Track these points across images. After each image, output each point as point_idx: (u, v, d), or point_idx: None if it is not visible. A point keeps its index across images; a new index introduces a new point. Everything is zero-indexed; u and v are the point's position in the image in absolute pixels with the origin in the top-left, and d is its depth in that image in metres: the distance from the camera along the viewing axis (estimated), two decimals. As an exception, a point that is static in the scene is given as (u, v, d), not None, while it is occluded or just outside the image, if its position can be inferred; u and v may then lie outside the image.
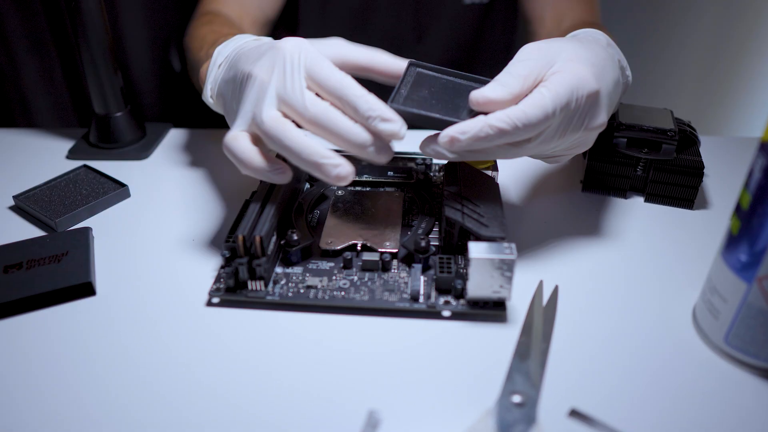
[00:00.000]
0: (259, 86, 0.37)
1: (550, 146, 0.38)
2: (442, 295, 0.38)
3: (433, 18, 0.74)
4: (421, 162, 0.50)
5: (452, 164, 0.44)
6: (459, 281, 0.37)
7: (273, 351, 0.35)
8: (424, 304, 0.37)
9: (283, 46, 0.37)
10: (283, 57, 0.37)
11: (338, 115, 0.36)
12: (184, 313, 0.38)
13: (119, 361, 0.34)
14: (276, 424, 0.31)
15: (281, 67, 0.36)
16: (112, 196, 0.49)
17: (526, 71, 0.36)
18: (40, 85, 0.81)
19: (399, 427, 0.31)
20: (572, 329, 0.36)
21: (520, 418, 0.30)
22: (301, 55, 0.37)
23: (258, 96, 0.37)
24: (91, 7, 0.52)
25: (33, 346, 0.35)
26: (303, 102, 0.36)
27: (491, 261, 0.34)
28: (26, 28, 0.78)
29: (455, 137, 0.35)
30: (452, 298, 0.37)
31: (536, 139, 0.36)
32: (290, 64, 0.36)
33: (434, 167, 0.51)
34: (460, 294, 0.37)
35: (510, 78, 0.36)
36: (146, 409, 0.31)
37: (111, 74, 0.55)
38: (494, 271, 0.35)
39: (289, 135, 0.36)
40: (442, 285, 0.37)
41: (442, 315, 0.37)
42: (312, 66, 0.36)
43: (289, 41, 0.38)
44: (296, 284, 0.38)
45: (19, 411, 0.31)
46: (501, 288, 0.35)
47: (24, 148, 0.58)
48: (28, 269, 0.40)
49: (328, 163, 0.35)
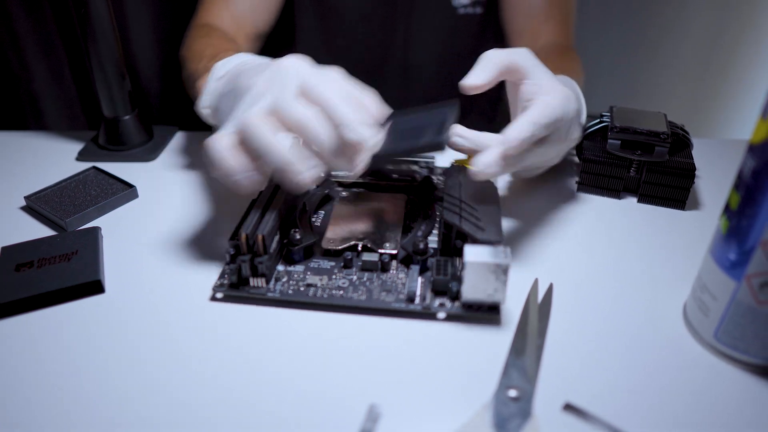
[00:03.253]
0: (255, 94, 0.38)
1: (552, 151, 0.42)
2: (438, 297, 0.38)
3: (427, 28, 0.75)
4: (425, 165, 0.51)
5: (454, 168, 0.44)
6: (455, 284, 0.37)
7: (273, 346, 0.36)
8: (419, 306, 0.37)
9: (283, 62, 0.39)
10: (280, 69, 0.38)
11: (321, 120, 0.36)
12: (189, 309, 0.38)
13: (127, 356, 0.35)
14: (278, 415, 0.31)
15: (278, 78, 0.38)
16: (120, 196, 0.50)
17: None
18: (50, 88, 0.82)
19: (398, 420, 0.31)
20: (567, 326, 0.37)
21: (516, 411, 0.31)
22: (299, 68, 0.38)
23: (251, 102, 0.37)
24: (100, 13, 0.52)
25: (44, 343, 0.36)
26: (290, 103, 0.36)
27: (486, 265, 0.34)
28: (37, 33, 0.79)
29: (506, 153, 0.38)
30: (448, 301, 0.37)
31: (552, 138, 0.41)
32: (286, 74, 0.38)
33: (437, 171, 0.51)
34: (456, 296, 0.37)
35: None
36: (152, 402, 0.32)
37: (119, 78, 0.56)
38: (489, 275, 0.35)
39: (262, 132, 0.36)
40: (438, 287, 0.38)
41: (437, 317, 0.37)
42: (307, 77, 0.38)
43: (289, 58, 0.39)
44: (297, 282, 0.39)
45: (30, 406, 0.32)
46: (495, 292, 0.35)
47: (35, 150, 0.59)
48: (39, 268, 0.40)
49: (291, 169, 0.36)
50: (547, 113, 0.39)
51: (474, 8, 0.73)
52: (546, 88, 0.41)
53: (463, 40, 0.75)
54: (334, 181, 0.43)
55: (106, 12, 0.53)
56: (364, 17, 0.74)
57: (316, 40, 0.77)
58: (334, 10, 0.74)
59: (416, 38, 0.75)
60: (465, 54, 0.77)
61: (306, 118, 0.36)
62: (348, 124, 0.36)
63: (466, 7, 0.73)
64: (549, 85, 0.41)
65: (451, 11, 0.73)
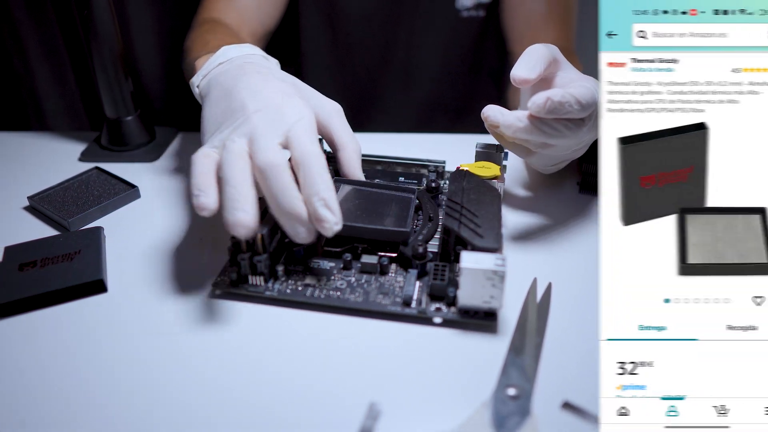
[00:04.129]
0: (243, 123, 0.38)
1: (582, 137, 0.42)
2: (435, 301, 0.38)
3: (430, 30, 0.75)
4: (434, 169, 0.50)
5: (459, 173, 0.44)
6: (452, 289, 0.37)
7: (272, 344, 0.36)
8: (415, 310, 0.37)
9: (286, 105, 0.38)
10: (280, 111, 0.38)
11: (286, 177, 0.35)
12: (190, 307, 0.39)
13: (129, 354, 0.35)
14: (276, 412, 0.32)
15: (272, 113, 0.38)
16: (122, 197, 0.50)
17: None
18: (53, 89, 0.83)
19: (397, 419, 0.31)
20: (565, 325, 0.37)
21: (515, 410, 0.31)
22: (300, 119, 0.38)
23: (238, 132, 0.38)
24: (103, 15, 0.53)
25: (47, 341, 0.36)
26: (266, 148, 0.36)
27: (482, 271, 0.34)
28: (40, 35, 0.79)
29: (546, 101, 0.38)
30: (444, 306, 0.37)
31: (588, 122, 0.41)
32: (281, 116, 0.38)
33: (446, 175, 0.51)
34: (453, 302, 0.37)
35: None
36: (153, 400, 0.33)
37: (122, 80, 0.56)
38: (485, 282, 0.35)
39: (228, 162, 0.36)
40: (435, 292, 0.38)
41: (433, 321, 0.37)
42: (300, 129, 0.37)
43: (296, 99, 0.39)
44: (295, 282, 0.39)
45: (34, 404, 0.33)
46: (492, 299, 0.35)
47: (38, 151, 0.59)
48: (42, 267, 0.41)
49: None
50: (583, 93, 0.39)
51: (477, 11, 0.73)
52: (581, 77, 0.42)
53: (465, 42, 0.76)
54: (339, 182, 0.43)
55: (108, 13, 0.53)
56: (368, 17, 0.74)
57: (320, 39, 0.78)
58: (339, 10, 0.75)
59: (419, 39, 0.75)
60: (466, 56, 0.77)
61: (275, 173, 0.35)
62: (324, 198, 0.35)
63: (469, 10, 0.73)
64: (581, 76, 0.42)
65: (454, 14, 0.73)
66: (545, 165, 0.48)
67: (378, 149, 0.52)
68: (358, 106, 0.81)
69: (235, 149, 0.36)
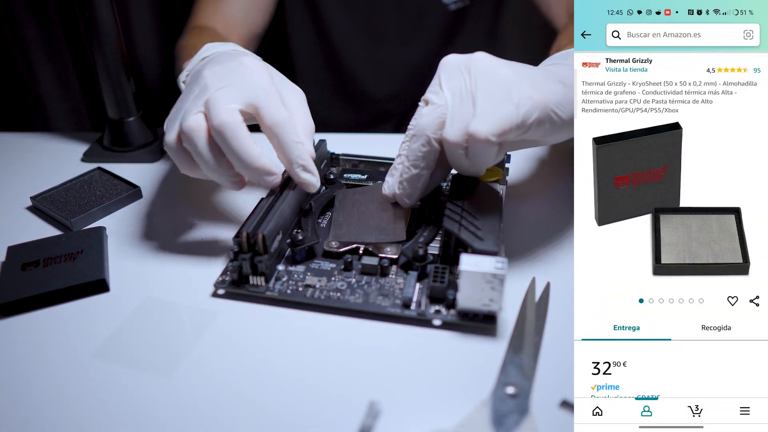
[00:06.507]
0: (201, 87, 0.39)
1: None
2: (434, 304, 0.38)
3: (419, 27, 0.76)
4: None
5: (460, 176, 0.43)
6: (452, 292, 0.37)
7: (273, 344, 0.36)
8: (414, 312, 0.37)
9: (247, 63, 0.41)
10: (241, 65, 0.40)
11: (243, 133, 0.38)
12: (191, 306, 0.39)
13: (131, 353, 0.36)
14: (276, 409, 0.32)
15: (235, 83, 0.39)
16: (124, 197, 0.50)
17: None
18: (56, 90, 0.83)
19: (397, 417, 0.32)
20: (564, 324, 0.37)
21: (513, 408, 0.31)
22: (265, 90, 0.39)
23: (195, 96, 0.39)
24: (105, 17, 0.53)
25: (50, 340, 0.37)
26: (220, 111, 0.37)
27: (482, 274, 0.34)
28: (43, 36, 0.80)
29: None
30: (444, 308, 0.37)
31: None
32: (242, 85, 0.39)
33: (448, 177, 0.50)
34: (453, 304, 0.37)
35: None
36: (153, 398, 0.33)
37: (124, 81, 0.57)
38: (484, 285, 0.34)
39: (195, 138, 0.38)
40: (435, 294, 0.38)
41: (432, 323, 0.37)
42: (263, 96, 0.39)
43: (255, 60, 0.41)
44: (296, 282, 0.39)
45: (36, 402, 0.33)
46: (491, 302, 0.35)
47: (41, 151, 0.60)
48: (45, 267, 0.41)
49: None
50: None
51: (463, 1, 0.74)
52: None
53: (457, 35, 0.76)
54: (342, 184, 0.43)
55: (110, 16, 0.54)
56: (353, 18, 0.75)
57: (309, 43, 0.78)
58: (324, 14, 0.75)
59: (408, 36, 0.76)
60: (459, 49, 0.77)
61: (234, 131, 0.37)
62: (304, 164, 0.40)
63: (456, 2, 0.74)
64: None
65: (442, 9, 0.74)
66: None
67: (378, 150, 0.52)
68: (357, 107, 0.81)
69: (192, 118, 0.38)
